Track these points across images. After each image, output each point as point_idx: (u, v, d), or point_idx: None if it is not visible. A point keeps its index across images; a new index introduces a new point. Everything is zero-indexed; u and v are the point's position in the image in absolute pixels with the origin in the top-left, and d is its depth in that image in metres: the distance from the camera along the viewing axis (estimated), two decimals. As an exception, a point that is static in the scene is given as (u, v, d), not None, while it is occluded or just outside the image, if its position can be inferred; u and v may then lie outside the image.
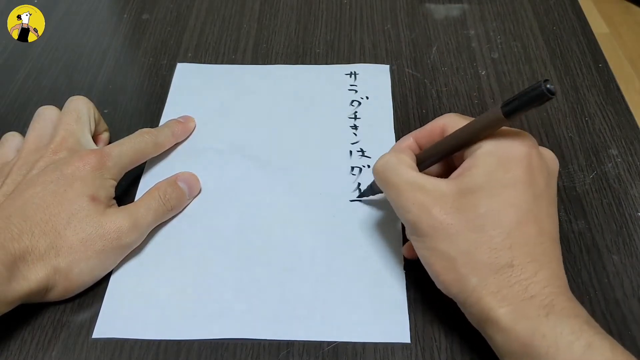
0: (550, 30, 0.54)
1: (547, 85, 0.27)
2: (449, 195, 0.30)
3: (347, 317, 0.34)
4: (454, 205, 0.30)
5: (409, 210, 0.31)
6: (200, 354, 0.33)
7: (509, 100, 0.29)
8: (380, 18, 0.55)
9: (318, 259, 0.37)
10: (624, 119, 0.45)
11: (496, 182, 0.30)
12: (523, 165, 0.30)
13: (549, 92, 0.27)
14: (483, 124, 0.31)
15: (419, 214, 0.31)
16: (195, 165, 0.42)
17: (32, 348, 0.34)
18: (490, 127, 0.30)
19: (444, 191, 0.31)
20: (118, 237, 0.35)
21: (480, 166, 0.30)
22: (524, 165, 0.30)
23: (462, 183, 0.30)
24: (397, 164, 0.33)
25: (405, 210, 0.31)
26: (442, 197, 0.30)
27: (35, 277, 0.33)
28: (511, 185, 0.30)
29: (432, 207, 0.30)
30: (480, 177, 0.30)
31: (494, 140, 0.31)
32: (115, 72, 0.51)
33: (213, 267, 0.37)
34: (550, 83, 0.27)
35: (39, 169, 0.36)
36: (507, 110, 0.29)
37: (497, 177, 0.30)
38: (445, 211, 0.30)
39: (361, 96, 0.48)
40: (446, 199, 0.30)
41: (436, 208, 0.30)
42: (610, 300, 0.35)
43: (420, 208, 0.31)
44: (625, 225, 0.38)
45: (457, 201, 0.30)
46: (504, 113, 0.29)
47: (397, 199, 0.32)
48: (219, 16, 0.56)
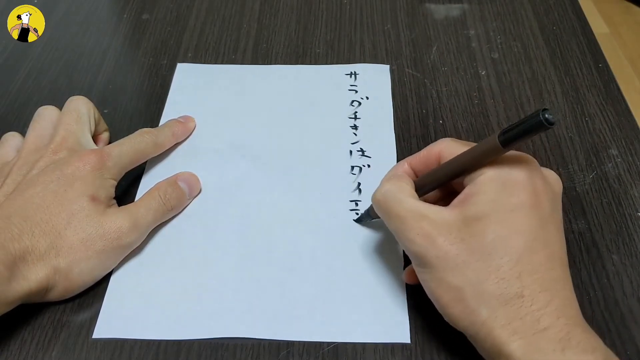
0: (550, 30, 0.54)
1: (545, 114, 0.26)
2: (453, 224, 0.29)
3: (347, 317, 0.34)
4: (459, 234, 0.29)
5: (413, 241, 0.30)
6: (200, 354, 0.33)
7: (507, 129, 0.28)
8: (380, 18, 0.55)
9: (318, 259, 0.37)
10: (624, 119, 0.45)
11: (501, 208, 0.29)
12: (527, 189, 0.29)
13: (547, 122, 0.26)
14: (480, 153, 0.30)
15: (423, 244, 0.29)
16: (195, 165, 0.42)
17: (32, 348, 0.34)
18: (488, 156, 0.30)
19: (448, 220, 0.30)
20: (118, 237, 0.35)
21: (484, 193, 0.29)
22: (529, 190, 0.29)
23: (466, 211, 0.29)
24: (397, 192, 0.32)
25: (409, 241, 0.30)
26: (446, 226, 0.29)
27: (35, 277, 0.33)
28: (517, 210, 0.29)
29: (437, 237, 0.29)
30: (484, 204, 0.29)
31: (495, 166, 0.30)
32: (115, 72, 0.51)
33: (213, 267, 0.37)
34: (550, 112, 0.26)
35: (39, 169, 0.36)
36: (504, 140, 0.28)
37: (501, 203, 0.29)
38: (451, 241, 0.29)
39: (361, 96, 0.48)
40: (451, 228, 0.29)
41: (441, 238, 0.29)
42: (609, 300, 0.35)
43: (425, 238, 0.29)
44: (625, 225, 0.38)
45: (462, 230, 0.29)
46: (500, 142, 0.28)
47: (400, 229, 0.31)
48: (219, 16, 0.56)
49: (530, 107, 0.46)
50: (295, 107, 0.47)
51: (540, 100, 0.47)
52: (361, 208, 0.40)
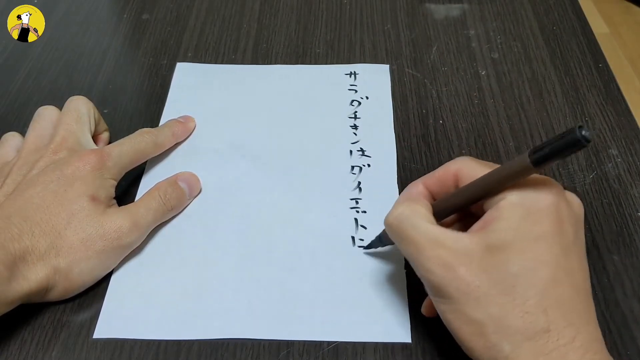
0: (550, 30, 0.54)
1: (582, 131, 0.24)
2: (474, 253, 0.27)
3: (348, 316, 0.34)
4: (480, 264, 0.27)
5: (431, 272, 0.28)
6: (200, 354, 0.33)
7: (539, 148, 0.26)
8: (380, 18, 0.55)
9: (318, 259, 0.37)
10: (624, 119, 0.45)
11: (525, 237, 0.27)
12: (552, 217, 0.27)
13: (584, 140, 0.24)
14: (508, 174, 0.28)
15: (443, 275, 0.28)
16: (195, 165, 0.42)
17: (32, 348, 0.34)
18: (516, 177, 0.28)
19: (469, 248, 0.28)
20: (118, 237, 0.35)
21: (506, 219, 0.27)
22: (553, 217, 0.27)
23: (487, 238, 0.28)
24: (412, 216, 0.30)
25: (427, 270, 0.28)
26: (467, 256, 0.28)
27: (35, 277, 0.33)
28: (541, 239, 0.27)
29: (457, 267, 0.27)
30: (507, 232, 0.27)
31: (517, 189, 0.28)
32: (115, 72, 0.51)
33: (213, 267, 0.37)
34: (586, 129, 0.24)
35: (39, 169, 0.36)
36: (537, 159, 0.26)
37: (525, 232, 0.27)
38: (472, 272, 0.27)
39: (361, 96, 0.48)
40: (472, 258, 0.27)
41: (462, 268, 0.27)
42: (610, 300, 0.35)
43: (445, 269, 0.28)
44: (626, 225, 0.38)
45: (484, 260, 0.27)
46: (532, 161, 0.26)
47: (416, 257, 0.29)
48: (219, 16, 0.56)
49: (530, 107, 0.46)
50: (295, 107, 0.47)
51: (540, 100, 0.47)
52: (361, 206, 0.40)
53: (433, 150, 0.44)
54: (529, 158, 0.26)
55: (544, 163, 0.26)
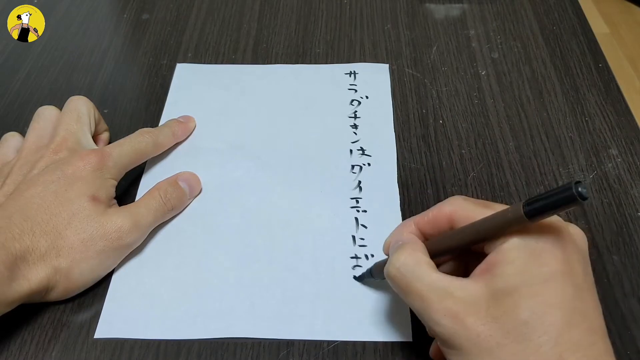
0: (550, 30, 0.54)
1: (579, 188, 0.23)
2: (482, 301, 0.26)
3: (349, 316, 0.34)
4: (489, 312, 0.26)
5: (440, 324, 0.27)
6: (200, 354, 0.33)
7: (533, 200, 0.25)
8: (380, 18, 0.55)
9: (319, 258, 0.37)
10: (624, 119, 0.45)
11: (532, 280, 0.26)
12: (558, 256, 0.26)
13: (581, 197, 0.23)
14: (502, 223, 0.27)
15: (452, 326, 0.27)
16: (195, 165, 0.42)
17: (32, 348, 0.34)
18: (511, 226, 0.27)
19: (476, 296, 0.27)
20: (119, 237, 0.35)
21: (511, 262, 0.26)
22: (560, 256, 0.26)
23: (493, 284, 0.26)
24: (415, 266, 0.28)
25: (436, 323, 0.27)
26: (475, 304, 0.26)
27: (35, 277, 0.33)
28: (550, 281, 0.26)
29: (465, 317, 0.26)
30: (513, 276, 0.26)
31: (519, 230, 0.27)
32: (115, 72, 0.51)
33: (214, 267, 0.37)
34: (583, 186, 0.23)
35: (39, 169, 0.36)
36: (530, 211, 0.25)
37: (532, 274, 0.26)
38: (482, 321, 0.26)
39: (361, 95, 0.48)
40: (480, 306, 0.26)
41: (471, 318, 0.26)
42: (610, 300, 0.35)
43: (453, 320, 0.27)
44: (626, 226, 0.38)
45: (492, 307, 0.26)
46: (525, 213, 0.25)
47: (422, 310, 0.28)
48: (219, 16, 0.56)
49: (530, 107, 0.46)
50: (295, 107, 0.47)
51: (540, 100, 0.47)
52: (362, 206, 0.40)
53: (433, 150, 0.44)
54: (523, 209, 0.25)
55: (537, 216, 0.25)
